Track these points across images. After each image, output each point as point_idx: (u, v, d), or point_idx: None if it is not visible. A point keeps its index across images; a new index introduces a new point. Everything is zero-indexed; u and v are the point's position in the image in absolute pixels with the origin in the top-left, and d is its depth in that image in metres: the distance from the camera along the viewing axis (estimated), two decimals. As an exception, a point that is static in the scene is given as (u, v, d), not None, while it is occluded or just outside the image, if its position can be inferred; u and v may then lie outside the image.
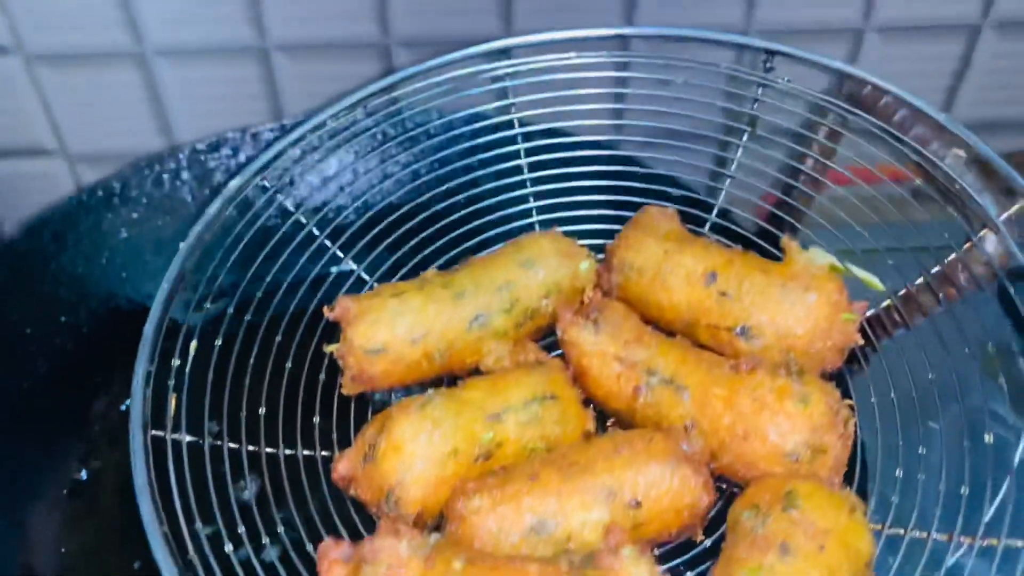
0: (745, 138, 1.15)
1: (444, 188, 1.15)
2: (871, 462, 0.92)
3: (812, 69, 1.09)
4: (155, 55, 1.24)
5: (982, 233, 0.97)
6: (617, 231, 1.07)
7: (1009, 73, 1.31)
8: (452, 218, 1.13)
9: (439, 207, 1.14)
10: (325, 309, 0.98)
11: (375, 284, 1.10)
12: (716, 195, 1.15)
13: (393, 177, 1.20)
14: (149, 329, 0.90)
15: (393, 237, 1.11)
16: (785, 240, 0.99)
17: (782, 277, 0.95)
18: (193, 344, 0.93)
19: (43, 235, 1.21)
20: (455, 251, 1.11)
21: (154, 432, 0.85)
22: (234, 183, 1.04)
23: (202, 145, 1.28)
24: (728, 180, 1.14)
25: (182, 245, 0.98)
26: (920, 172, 1.03)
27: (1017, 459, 0.82)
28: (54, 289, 1.22)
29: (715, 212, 1.14)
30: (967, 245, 0.98)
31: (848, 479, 0.89)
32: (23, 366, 1.16)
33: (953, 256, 0.99)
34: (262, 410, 0.94)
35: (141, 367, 0.87)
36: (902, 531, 0.85)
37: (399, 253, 1.10)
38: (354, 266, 1.11)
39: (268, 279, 1.03)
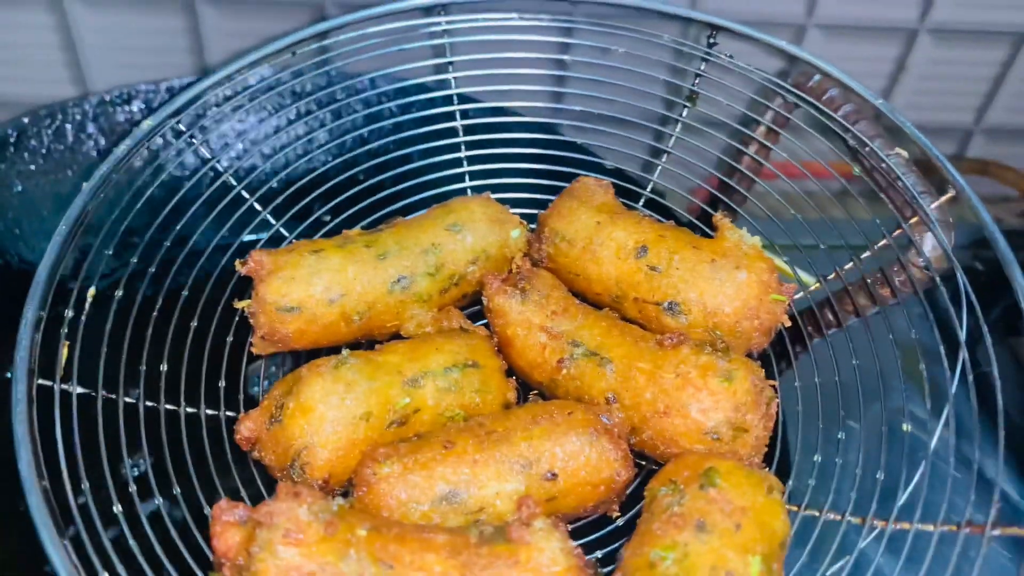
0: (684, 114, 1.13)
1: (371, 149, 1.10)
2: (791, 447, 0.92)
3: (756, 56, 1.07)
4: None
5: (920, 234, 0.97)
6: (550, 201, 1.05)
7: (943, 79, 1.33)
8: (381, 178, 1.09)
9: (366, 165, 1.09)
10: (237, 263, 0.93)
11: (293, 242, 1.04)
12: (652, 171, 1.13)
13: (317, 140, 1.15)
14: (43, 271, 0.84)
15: (314, 196, 1.06)
16: (718, 217, 0.98)
17: (713, 254, 0.94)
18: (91, 292, 0.87)
19: None
20: (381, 213, 1.07)
21: (41, 381, 0.79)
22: (147, 123, 0.98)
23: (111, 96, 1.18)
24: (664, 157, 1.12)
25: (85, 185, 0.91)
26: (862, 169, 1.03)
27: (932, 446, 0.82)
28: None
29: (648, 189, 1.12)
30: (905, 244, 0.97)
31: (767, 461, 0.88)
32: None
33: (890, 257, 0.98)
34: (163, 366, 0.89)
35: (31, 310, 0.81)
36: (817, 513, 0.85)
37: (320, 212, 1.06)
38: (272, 221, 1.05)
39: (178, 229, 0.97)
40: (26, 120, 1.15)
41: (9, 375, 0.77)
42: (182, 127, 1.01)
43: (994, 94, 1.34)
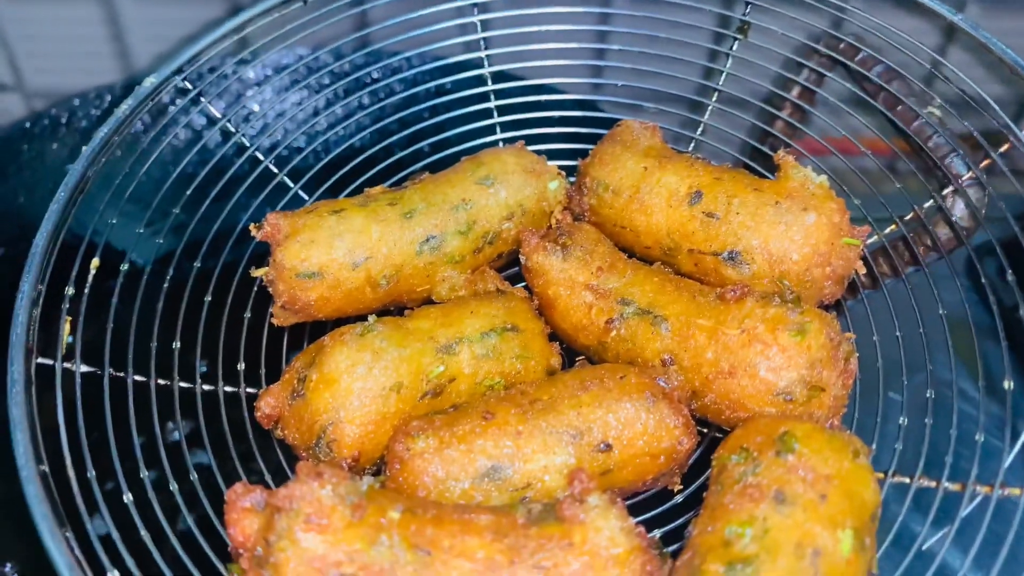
0: (735, 46, 1.02)
1: (403, 119, 1.02)
2: (868, 407, 0.82)
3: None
4: None
5: (946, 192, 0.90)
6: (590, 150, 0.95)
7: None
8: (416, 148, 1.01)
9: (399, 136, 1.02)
10: (252, 227, 0.85)
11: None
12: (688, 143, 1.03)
13: (339, 114, 1.06)
14: (40, 241, 0.77)
15: (334, 155, 0.98)
16: (780, 155, 0.87)
17: (776, 195, 0.84)
18: (94, 263, 0.80)
19: None
20: (408, 171, 0.99)
21: (41, 360, 0.72)
22: (149, 80, 0.90)
23: (156, 79, 1.13)
24: (701, 128, 1.03)
25: (85, 149, 0.84)
26: (891, 135, 0.96)
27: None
28: None
29: (699, 131, 1.02)
30: (929, 204, 0.91)
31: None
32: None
33: (912, 215, 0.91)
34: (176, 343, 0.82)
35: (28, 284, 0.74)
36: (908, 479, 0.75)
37: (341, 172, 0.97)
38: (291, 183, 0.97)
39: (187, 195, 0.89)
40: (77, 103, 1.12)
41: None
42: (188, 85, 0.93)
43: None
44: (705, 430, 0.83)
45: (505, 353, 0.81)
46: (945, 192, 0.91)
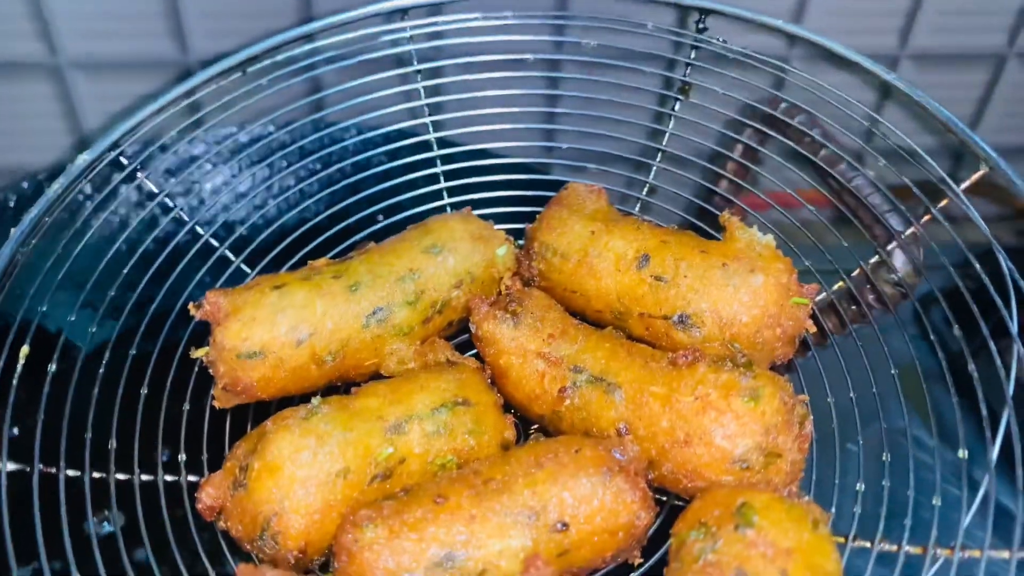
0: (677, 107, 1.03)
1: (337, 188, 1.01)
2: (823, 469, 0.81)
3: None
4: (71, 67, 1.08)
5: (890, 248, 0.93)
6: (537, 213, 0.94)
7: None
8: (347, 204, 0.99)
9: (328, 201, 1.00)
10: (191, 306, 0.82)
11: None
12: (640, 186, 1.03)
13: (280, 185, 1.04)
14: (-37, 333, 0.73)
15: (277, 225, 0.96)
16: (725, 216, 0.87)
17: (723, 257, 0.83)
18: (23, 351, 0.77)
19: None
20: (352, 240, 0.97)
21: (-38, 461, 0.68)
22: (84, 157, 0.88)
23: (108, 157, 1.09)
24: (645, 189, 1.03)
25: (13, 231, 0.81)
26: (831, 191, 0.98)
27: (993, 459, 0.71)
28: None
29: (644, 191, 1.03)
30: (874, 260, 0.92)
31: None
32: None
33: (858, 271, 0.93)
34: (112, 428, 0.78)
35: (-52, 379, 0.70)
36: (868, 544, 0.74)
37: (285, 243, 0.95)
38: (232, 256, 0.95)
39: (124, 274, 0.86)
40: (24, 184, 1.09)
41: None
42: (123, 159, 0.90)
43: (980, 115, 1.25)
44: (664, 498, 0.81)
45: (457, 429, 0.78)
46: (889, 247, 0.92)
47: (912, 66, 1.17)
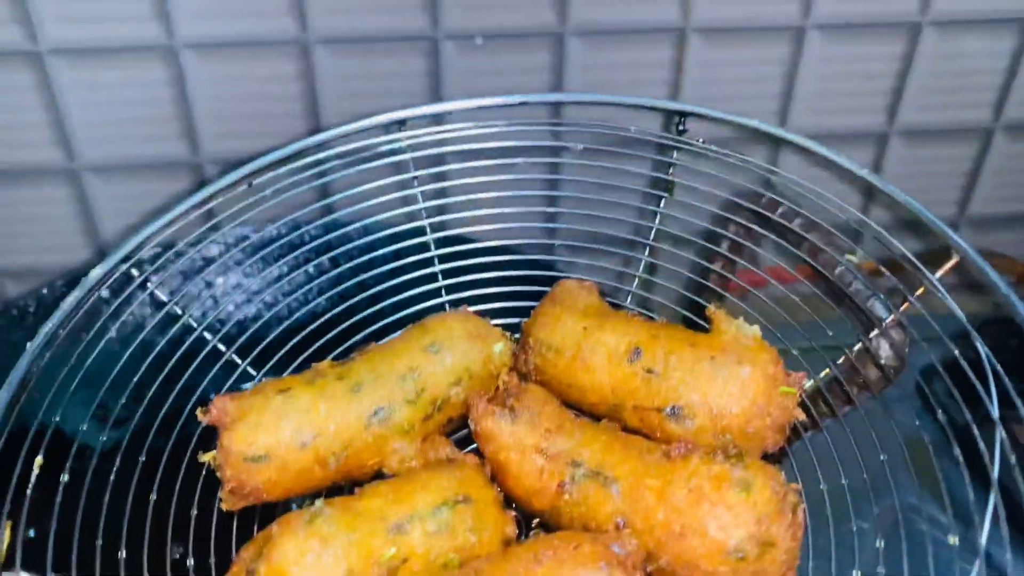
0: (663, 205, 1.08)
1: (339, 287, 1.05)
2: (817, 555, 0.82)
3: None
4: (87, 170, 1.13)
5: (873, 335, 0.95)
6: (532, 308, 0.98)
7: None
8: (349, 304, 1.03)
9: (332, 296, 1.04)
10: (199, 412, 0.85)
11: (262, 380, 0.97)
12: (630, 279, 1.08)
13: (286, 286, 1.09)
14: (-19, 446, 0.76)
15: (279, 331, 1.00)
16: (711, 309, 0.91)
17: (711, 350, 0.87)
18: (37, 462, 0.79)
19: None
20: (354, 340, 1.00)
21: (-22, 574, 0.70)
22: (97, 271, 0.92)
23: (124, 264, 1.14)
24: (635, 281, 1.08)
25: (29, 345, 0.84)
26: (817, 277, 1.02)
27: (983, 545, 0.73)
28: None
29: (634, 284, 1.06)
30: (857, 347, 0.96)
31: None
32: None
33: (843, 359, 0.96)
34: (123, 535, 0.80)
35: (-34, 493, 0.73)
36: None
37: (288, 346, 0.99)
38: (238, 360, 0.98)
39: (135, 379, 0.90)
40: (44, 290, 1.14)
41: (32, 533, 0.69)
42: (134, 272, 0.95)
43: (972, 186, 1.30)
44: (664, 588, 0.82)
45: (458, 527, 0.80)
46: (872, 335, 0.95)
47: (901, 142, 1.22)
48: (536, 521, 0.89)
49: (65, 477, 0.80)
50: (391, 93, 1.09)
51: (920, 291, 0.90)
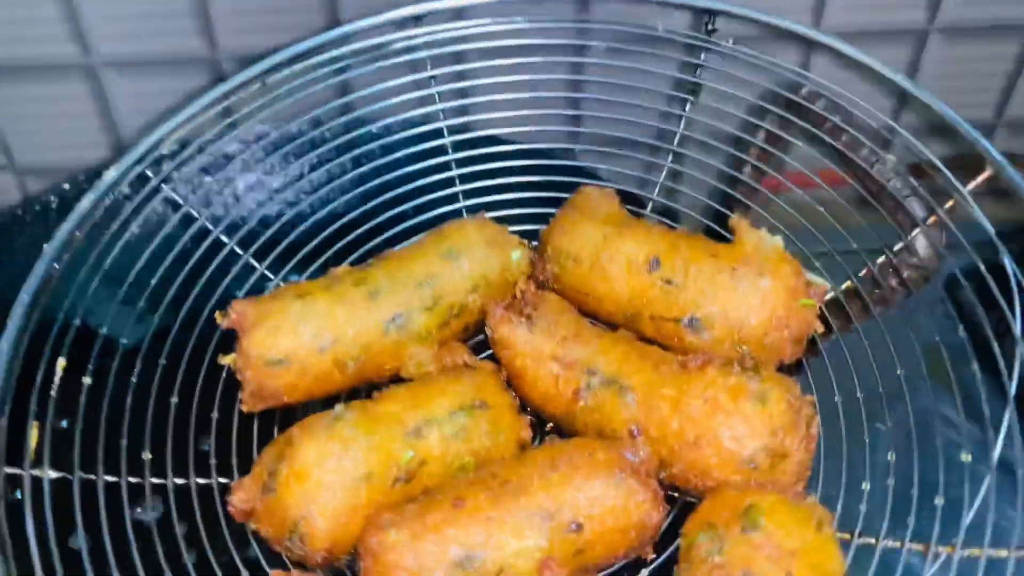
0: (688, 108, 1.05)
1: (359, 188, 1.04)
2: (831, 466, 0.83)
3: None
4: (104, 66, 1.11)
5: (913, 235, 0.93)
6: (551, 213, 0.97)
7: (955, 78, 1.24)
8: (368, 207, 1.02)
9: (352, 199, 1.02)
10: (218, 315, 0.86)
11: (280, 285, 0.97)
12: (651, 189, 1.05)
13: (304, 186, 1.07)
14: (5, 346, 0.77)
15: (296, 234, 0.99)
16: (735, 219, 0.89)
17: (732, 261, 0.86)
18: (60, 363, 0.80)
19: None
20: (370, 245, 1.00)
21: (9, 470, 0.72)
22: (111, 173, 0.91)
23: (145, 160, 1.11)
24: (663, 172, 1.05)
25: (47, 247, 0.84)
26: (853, 176, 0.98)
27: (995, 459, 0.73)
28: None
29: (656, 191, 1.04)
30: (898, 247, 0.93)
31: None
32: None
33: (883, 259, 0.94)
34: (147, 433, 0.82)
35: (-7, 392, 0.74)
36: (873, 541, 0.76)
37: (305, 251, 0.98)
38: (255, 263, 0.98)
39: (152, 285, 0.90)
40: (66, 186, 1.12)
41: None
42: (148, 172, 0.93)
43: (1012, 88, 1.25)
44: (676, 495, 0.84)
45: (474, 431, 0.81)
46: (912, 234, 0.93)
47: (941, 40, 1.17)
48: (550, 425, 0.90)
49: (88, 380, 0.81)
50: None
51: (950, 203, 0.88)
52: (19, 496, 0.72)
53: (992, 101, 1.25)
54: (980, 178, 0.87)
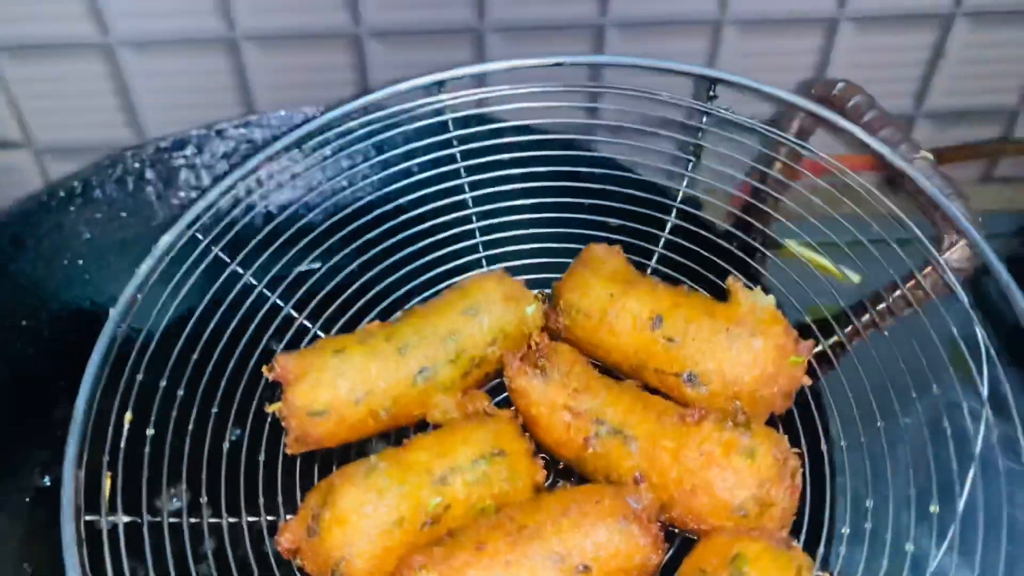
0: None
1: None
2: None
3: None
4: (121, 46, 1.17)
5: (953, 239, 0.95)
6: (567, 263, 1.06)
7: (980, 63, 1.27)
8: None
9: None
10: (264, 369, 0.96)
11: (318, 333, 1.07)
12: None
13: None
14: (80, 404, 0.87)
15: (335, 282, 1.09)
16: (730, 281, 0.98)
17: (727, 321, 0.94)
18: (128, 417, 0.90)
19: (1, 238, 1.17)
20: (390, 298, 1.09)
21: (88, 517, 0.82)
22: (166, 239, 1.00)
23: (166, 143, 1.24)
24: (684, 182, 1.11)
25: (112, 312, 0.94)
26: (887, 172, 1.01)
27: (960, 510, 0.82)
28: (14, 293, 1.17)
29: (679, 198, 1.12)
30: (946, 246, 0.94)
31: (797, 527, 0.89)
32: (-18, 372, 1.10)
33: (926, 266, 0.96)
34: (203, 475, 0.92)
35: (72, 447, 0.84)
36: (851, 581, 0.86)
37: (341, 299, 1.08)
38: (295, 314, 1.08)
39: (206, 335, 1.00)
40: (90, 172, 1.21)
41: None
42: (199, 235, 1.03)
43: None
44: (676, 531, 0.93)
45: (494, 477, 0.91)
46: (950, 236, 0.95)
47: (967, 24, 1.17)
48: (562, 464, 0.99)
49: (151, 431, 0.91)
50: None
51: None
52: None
53: (1017, 86, 1.28)
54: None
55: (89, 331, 0.91)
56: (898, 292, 0.99)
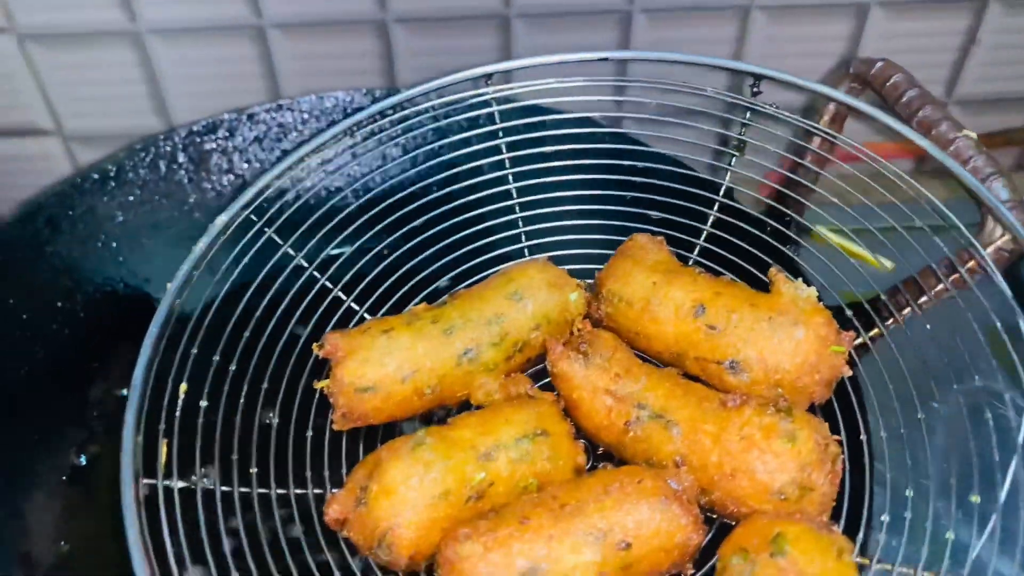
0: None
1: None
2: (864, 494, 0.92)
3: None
4: (149, 33, 1.20)
5: (992, 222, 0.95)
6: (608, 254, 1.07)
7: (1014, 48, 1.26)
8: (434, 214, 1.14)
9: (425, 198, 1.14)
10: (314, 346, 0.98)
11: (364, 315, 1.10)
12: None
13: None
14: (138, 374, 0.90)
15: (382, 266, 1.11)
16: (772, 272, 0.99)
17: (770, 311, 0.96)
18: (183, 387, 0.93)
19: (37, 220, 1.20)
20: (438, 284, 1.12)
21: (145, 480, 0.85)
22: (222, 218, 1.04)
23: (198, 127, 1.28)
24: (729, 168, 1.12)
25: (169, 286, 0.97)
26: (927, 152, 0.99)
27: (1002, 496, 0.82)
28: (49, 274, 1.20)
29: (721, 192, 1.13)
30: (977, 230, 0.95)
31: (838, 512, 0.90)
32: (19, 352, 1.13)
33: (963, 245, 0.95)
34: (253, 447, 0.95)
35: (131, 414, 0.87)
36: (889, 567, 0.86)
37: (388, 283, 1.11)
38: (343, 296, 1.10)
39: (258, 313, 1.02)
40: (123, 155, 1.24)
41: (124, 392, 0.83)
42: (253, 217, 1.06)
43: None
44: (715, 516, 0.94)
45: (537, 456, 0.93)
46: (993, 212, 0.93)
47: (1001, 9, 1.17)
48: (601, 449, 1.01)
49: (204, 403, 0.94)
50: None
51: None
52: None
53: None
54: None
55: (124, 312, 0.93)
56: (935, 278, 0.99)
